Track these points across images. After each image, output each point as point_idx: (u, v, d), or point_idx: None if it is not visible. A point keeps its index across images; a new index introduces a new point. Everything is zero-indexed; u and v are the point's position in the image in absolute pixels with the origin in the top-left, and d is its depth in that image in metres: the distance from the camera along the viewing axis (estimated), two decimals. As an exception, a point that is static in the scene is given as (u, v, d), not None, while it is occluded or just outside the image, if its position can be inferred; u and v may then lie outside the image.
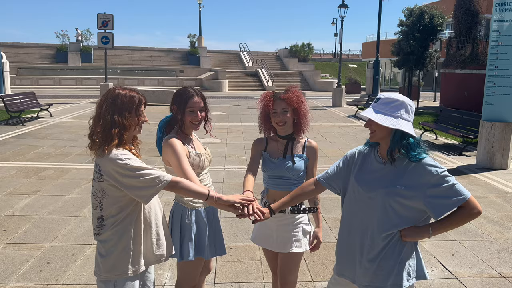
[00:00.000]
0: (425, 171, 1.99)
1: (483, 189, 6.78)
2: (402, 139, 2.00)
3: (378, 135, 2.05)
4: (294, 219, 2.72)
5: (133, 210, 2.23)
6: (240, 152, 9.21)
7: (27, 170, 7.38)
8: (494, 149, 8.05)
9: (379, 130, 2.02)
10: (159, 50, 37.85)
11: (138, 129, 2.27)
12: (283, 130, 2.70)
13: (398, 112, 2.01)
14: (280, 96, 2.69)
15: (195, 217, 2.64)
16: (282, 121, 2.66)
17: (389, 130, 2.00)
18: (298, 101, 2.70)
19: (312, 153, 2.75)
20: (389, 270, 2.07)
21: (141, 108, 2.25)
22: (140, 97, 2.25)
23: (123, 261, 2.21)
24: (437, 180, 1.97)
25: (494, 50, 8.04)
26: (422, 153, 2.02)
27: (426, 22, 16.57)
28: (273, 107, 2.67)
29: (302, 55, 39.42)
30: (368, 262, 2.10)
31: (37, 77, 29.01)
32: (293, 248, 2.69)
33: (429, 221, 2.11)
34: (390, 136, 2.02)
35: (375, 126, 2.03)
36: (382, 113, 2.01)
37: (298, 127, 2.72)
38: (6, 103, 12.49)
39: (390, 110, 2.02)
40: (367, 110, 2.05)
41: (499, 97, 8.01)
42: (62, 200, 5.88)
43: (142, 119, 2.27)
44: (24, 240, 4.57)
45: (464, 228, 5.12)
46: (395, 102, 2.03)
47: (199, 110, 2.64)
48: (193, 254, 2.61)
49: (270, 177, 2.74)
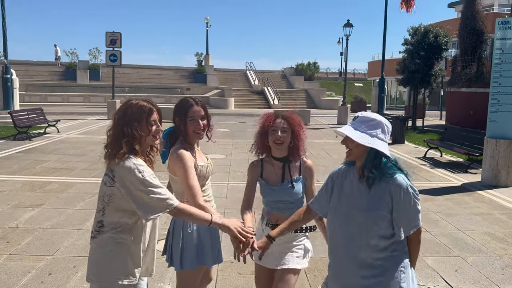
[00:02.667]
0: (395, 187, 2.00)
1: (488, 206, 6.72)
2: (375, 158, 2.02)
3: (355, 153, 2.07)
4: (296, 237, 2.73)
5: (134, 222, 2.25)
6: (244, 168, 9.18)
7: (33, 184, 7.45)
8: (499, 167, 8.01)
9: (356, 148, 2.04)
10: (167, 68, 38.33)
11: (151, 139, 2.29)
12: (278, 150, 2.70)
13: (374, 131, 2.03)
14: (283, 114, 2.71)
15: (197, 226, 2.65)
16: (280, 140, 2.64)
17: (365, 149, 2.02)
18: (299, 124, 2.73)
19: (309, 173, 2.77)
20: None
21: (151, 118, 2.25)
22: (150, 107, 2.26)
23: (116, 269, 2.21)
24: (403, 197, 1.99)
25: (497, 68, 8.08)
26: (396, 173, 2.02)
27: (431, 41, 16.70)
28: (273, 125, 2.67)
29: (308, 74, 39.72)
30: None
31: (45, 94, 29.40)
32: (293, 264, 2.67)
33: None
34: (365, 155, 2.04)
35: (351, 144, 2.05)
36: (359, 130, 2.03)
37: (295, 149, 2.73)
38: (14, 119, 12.66)
39: (366, 128, 2.03)
40: (345, 127, 2.07)
41: (503, 115, 8.00)
42: (65, 213, 5.91)
43: (156, 129, 2.29)
44: (27, 251, 4.60)
45: (468, 244, 5.08)
46: (372, 121, 2.05)
47: (200, 118, 2.67)
48: (195, 263, 2.62)
49: (270, 202, 2.74)
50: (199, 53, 39.72)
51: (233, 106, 30.40)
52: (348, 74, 31.11)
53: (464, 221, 5.96)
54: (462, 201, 7.03)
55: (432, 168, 9.91)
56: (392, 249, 2.05)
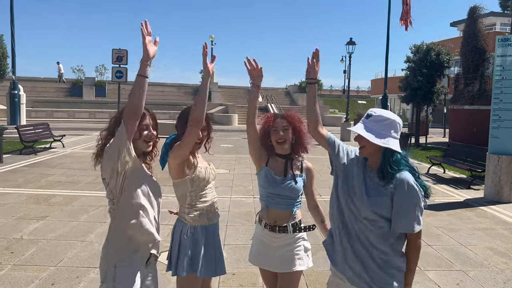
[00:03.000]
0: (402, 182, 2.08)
1: (491, 222, 6.72)
2: (392, 156, 2.08)
3: (368, 151, 2.14)
4: (295, 238, 2.76)
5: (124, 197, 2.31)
6: (247, 183, 9.28)
7: (38, 197, 7.52)
8: (502, 182, 8.02)
9: (369, 146, 2.11)
10: (171, 85, 38.73)
11: (143, 144, 2.37)
12: (281, 148, 2.75)
13: (388, 130, 2.10)
14: (281, 114, 2.80)
15: (193, 234, 2.70)
16: (282, 138, 2.72)
17: (378, 147, 2.09)
18: (298, 120, 2.80)
19: (310, 174, 2.83)
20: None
21: (143, 122, 2.35)
22: (144, 112, 2.34)
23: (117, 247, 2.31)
24: (407, 195, 2.06)
25: (498, 84, 8.16)
26: (404, 169, 2.11)
27: (433, 58, 16.86)
28: (274, 125, 2.75)
29: (311, 91, 39.93)
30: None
31: (52, 110, 29.73)
32: (296, 266, 2.71)
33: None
34: (379, 152, 2.10)
35: (365, 141, 2.11)
36: (373, 130, 2.10)
37: (298, 146, 2.79)
38: (20, 133, 12.81)
39: (381, 128, 2.11)
40: (358, 126, 2.14)
41: (505, 131, 8.05)
42: (69, 226, 5.96)
43: (148, 134, 2.37)
44: (31, 262, 4.64)
45: (470, 258, 5.08)
46: (386, 121, 2.13)
47: (201, 129, 2.75)
48: (186, 270, 2.65)
49: (270, 195, 2.74)
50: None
51: (237, 122, 30.56)
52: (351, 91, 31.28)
53: (466, 236, 5.96)
54: (465, 216, 7.03)
55: (435, 184, 9.91)
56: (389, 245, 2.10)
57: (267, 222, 2.77)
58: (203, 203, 2.74)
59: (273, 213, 2.76)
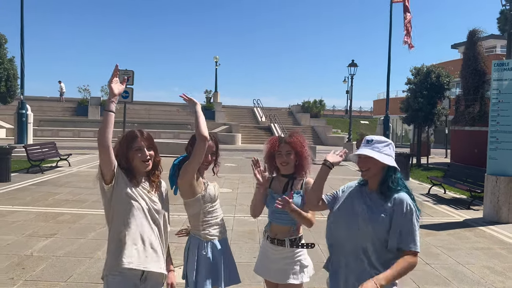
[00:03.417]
0: (401, 202, 2.28)
1: (489, 241, 6.85)
2: (394, 174, 2.33)
3: (372, 172, 2.38)
4: (293, 253, 2.96)
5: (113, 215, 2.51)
6: (250, 201, 9.43)
7: (46, 215, 7.71)
8: (500, 203, 8.16)
9: (374, 167, 2.36)
10: (176, 105, 39.17)
11: (141, 164, 2.55)
12: (285, 169, 3.02)
13: (389, 151, 2.38)
14: (285, 139, 3.04)
15: (211, 248, 2.89)
16: (285, 162, 3.00)
17: (381, 168, 2.34)
18: (300, 145, 3.04)
19: (308, 187, 3.03)
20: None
21: (135, 144, 2.55)
22: (133, 133, 2.57)
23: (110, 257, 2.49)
24: (405, 214, 2.26)
25: (495, 107, 8.39)
26: (402, 190, 2.33)
27: (433, 80, 17.16)
28: (278, 149, 3.02)
29: (314, 111, 40.35)
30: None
31: (57, 129, 30.13)
32: (290, 279, 2.92)
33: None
34: (382, 172, 2.34)
35: (371, 163, 2.35)
36: (378, 151, 2.34)
37: (300, 168, 3.04)
38: (28, 152, 13.07)
39: (383, 149, 2.37)
40: (365, 150, 2.36)
41: (503, 152, 8.24)
42: (78, 243, 6.14)
43: (142, 155, 2.54)
44: (41, 278, 4.81)
45: (467, 277, 5.22)
46: (385, 143, 2.41)
47: (211, 153, 2.97)
48: (209, 284, 2.83)
49: (272, 212, 3.01)
50: (208, 90, 40.74)
51: (240, 142, 30.84)
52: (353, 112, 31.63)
53: (464, 255, 6.10)
54: (464, 236, 7.17)
55: (435, 204, 10.05)
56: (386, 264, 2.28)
57: (269, 235, 3.02)
58: (215, 219, 2.94)
59: (274, 227, 3.03)
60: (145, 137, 2.61)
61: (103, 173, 2.46)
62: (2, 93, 13.82)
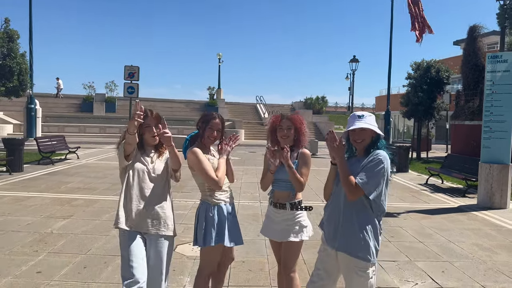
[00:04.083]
0: (375, 153, 2.71)
1: (480, 224, 7.24)
2: (379, 139, 2.75)
3: (366, 142, 2.79)
4: (293, 215, 3.36)
5: (124, 178, 3.10)
6: (254, 190, 9.85)
7: (60, 200, 8.14)
8: (493, 190, 8.53)
9: (368, 137, 2.78)
10: (179, 101, 39.63)
11: (150, 139, 3.12)
12: (285, 142, 3.39)
13: (371, 119, 2.80)
14: (287, 116, 3.44)
15: (217, 211, 3.29)
16: (285, 136, 3.38)
17: (372, 137, 2.77)
18: (300, 122, 3.44)
19: (303, 158, 3.40)
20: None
21: (146, 122, 3.04)
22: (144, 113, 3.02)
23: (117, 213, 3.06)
24: (372, 160, 2.69)
25: (489, 98, 8.75)
26: (384, 148, 2.73)
27: (433, 75, 17.50)
28: (280, 124, 3.41)
29: (316, 108, 40.69)
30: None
31: (63, 125, 30.59)
32: (291, 237, 3.31)
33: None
34: (371, 141, 2.77)
35: (366, 135, 2.77)
36: (371, 125, 2.75)
37: (298, 142, 3.43)
38: (39, 145, 13.52)
39: (373, 122, 2.80)
40: (361, 124, 2.75)
41: (496, 141, 8.61)
42: (93, 223, 6.56)
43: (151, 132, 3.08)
44: (62, 251, 5.23)
45: (456, 252, 5.61)
46: (372, 116, 2.83)
47: (217, 130, 3.37)
48: (214, 241, 3.23)
49: (275, 180, 3.42)
50: (211, 87, 41.13)
51: (243, 137, 31.23)
52: (356, 108, 31.99)
53: (456, 235, 6.48)
54: (457, 219, 7.55)
55: (432, 192, 10.43)
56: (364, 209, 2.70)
57: (272, 200, 3.42)
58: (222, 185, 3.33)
59: (277, 193, 3.44)
60: (154, 117, 3.15)
61: (125, 149, 3.04)
62: (15, 87, 14.25)
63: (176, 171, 3.25)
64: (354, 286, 2.75)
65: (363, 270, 2.71)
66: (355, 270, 2.72)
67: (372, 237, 2.72)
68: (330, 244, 2.84)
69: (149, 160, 3.15)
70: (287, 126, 3.40)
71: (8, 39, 14.36)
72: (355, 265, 2.71)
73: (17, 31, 14.88)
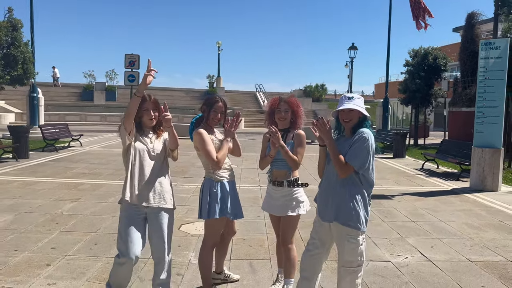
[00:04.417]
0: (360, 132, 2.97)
1: (471, 205, 7.55)
2: (365, 121, 3.00)
3: (354, 122, 3.05)
4: (290, 192, 3.64)
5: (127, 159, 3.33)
6: (254, 175, 10.15)
7: (67, 185, 8.44)
8: (485, 173, 8.83)
9: (355, 118, 3.03)
10: (179, 90, 39.78)
11: (148, 121, 3.37)
12: (282, 124, 3.67)
13: (363, 104, 3.05)
14: (285, 99, 3.70)
15: (220, 187, 3.58)
16: (283, 118, 3.64)
17: (358, 117, 3.02)
18: (297, 105, 3.70)
19: (298, 139, 3.67)
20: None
21: (144, 106, 3.32)
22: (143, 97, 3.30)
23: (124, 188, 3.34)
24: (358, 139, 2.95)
25: (482, 84, 9.01)
26: (368, 127, 3.00)
27: (430, 62, 17.70)
28: (278, 107, 3.67)
29: (316, 95, 40.88)
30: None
31: (64, 113, 30.81)
32: (288, 212, 3.60)
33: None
34: (357, 121, 3.02)
35: (353, 115, 3.03)
36: (359, 106, 3.00)
37: (294, 124, 3.70)
38: (43, 132, 13.80)
39: (361, 104, 3.05)
40: (350, 105, 3.01)
41: (488, 126, 8.89)
42: (100, 205, 6.86)
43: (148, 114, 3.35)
44: (74, 229, 5.54)
45: (446, 230, 5.92)
46: (360, 99, 3.08)
47: (220, 112, 3.64)
48: (218, 214, 3.52)
49: (273, 160, 3.69)
50: (211, 75, 41.25)
51: (243, 125, 31.48)
52: (354, 95, 31.99)
53: (447, 215, 6.79)
54: (449, 201, 7.86)
55: (427, 177, 10.75)
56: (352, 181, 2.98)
57: (271, 179, 3.69)
58: (223, 164, 3.61)
59: (275, 172, 3.72)
60: (152, 101, 3.43)
61: (126, 127, 3.29)
62: (19, 75, 14.47)
63: (173, 151, 3.50)
64: (346, 252, 3.04)
65: (354, 238, 3.00)
66: (347, 238, 3.01)
67: (362, 207, 3.00)
68: (324, 215, 3.13)
69: (148, 141, 3.40)
70: (284, 108, 3.65)
71: (12, 28, 14.54)
72: (347, 233, 3.00)
73: (20, 20, 15.05)
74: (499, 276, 4.33)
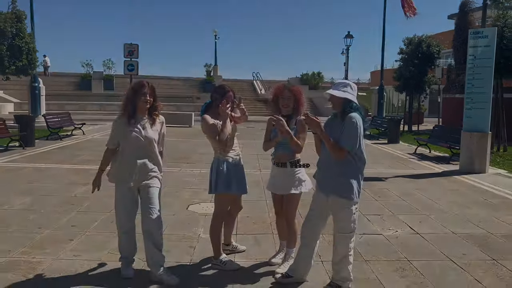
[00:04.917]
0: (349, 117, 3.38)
1: (459, 185, 8.04)
2: (348, 105, 3.40)
3: (335, 106, 3.46)
4: (293, 172, 4.05)
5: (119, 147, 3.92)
6: (253, 161, 10.57)
7: (76, 170, 8.85)
8: (474, 156, 9.31)
9: (335, 101, 3.44)
10: (177, 78, 39.99)
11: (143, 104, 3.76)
12: (286, 111, 4.05)
13: (344, 88, 3.44)
14: (289, 87, 4.09)
15: (226, 165, 4.01)
16: (286, 105, 4.02)
17: (340, 100, 3.42)
18: (300, 93, 4.09)
19: (300, 125, 4.07)
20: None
21: (143, 90, 3.72)
22: (141, 83, 3.76)
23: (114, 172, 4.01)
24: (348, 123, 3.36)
25: (471, 71, 9.45)
26: (354, 112, 3.40)
27: (424, 50, 18.10)
28: (282, 94, 4.05)
29: (312, 83, 41.23)
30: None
31: (63, 102, 31.02)
32: (292, 190, 4.01)
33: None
34: (341, 104, 3.42)
35: (333, 99, 3.43)
36: (337, 90, 3.42)
37: (297, 110, 4.08)
38: (47, 121, 14.16)
39: (342, 88, 3.45)
40: (330, 91, 3.44)
41: (477, 111, 9.34)
42: (112, 189, 7.22)
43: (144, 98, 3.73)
44: (89, 210, 5.98)
45: (434, 207, 6.41)
46: (343, 83, 3.51)
47: (231, 101, 4.06)
48: (223, 189, 3.96)
49: (277, 143, 4.09)
50: (208, 64, 41.46)
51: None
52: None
53: (436, 194, 7.27)
54: (439, 182, 8.35)
55: (419, 160, 11.23)
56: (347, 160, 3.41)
57: (275, 161, 4.11)
58: (229, 147, 4.03)
59: (278, 155, 4.11)
60: (150, 87, 3.83)
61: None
62: (24, 66, 14.76)
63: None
64: (341, 219, 3.49)
65: (348, 207, 3.45)
66: (342, 207, 3.46)
67: (355, 181, 3.45)
68: (322, 189, 3.57)
69: (141, 127, 3.79)
70: (288, 96, 4.02)
71: (16, 19, 14.79)
72: (342, 203, 3.45)
73: (24, 11, 15.29)
74: (479, 245, 4.81)
